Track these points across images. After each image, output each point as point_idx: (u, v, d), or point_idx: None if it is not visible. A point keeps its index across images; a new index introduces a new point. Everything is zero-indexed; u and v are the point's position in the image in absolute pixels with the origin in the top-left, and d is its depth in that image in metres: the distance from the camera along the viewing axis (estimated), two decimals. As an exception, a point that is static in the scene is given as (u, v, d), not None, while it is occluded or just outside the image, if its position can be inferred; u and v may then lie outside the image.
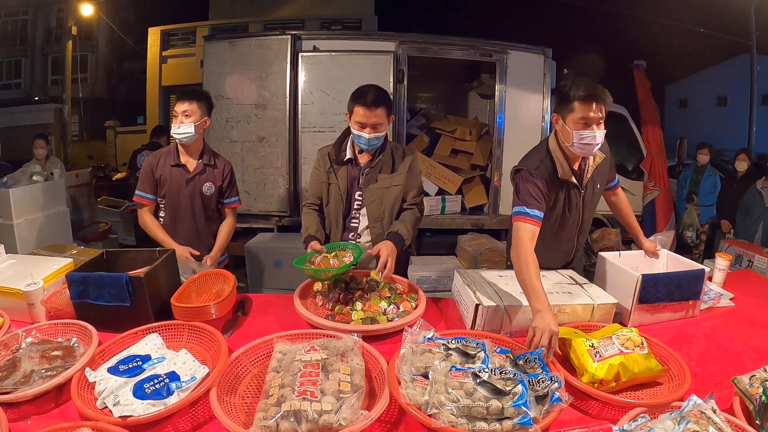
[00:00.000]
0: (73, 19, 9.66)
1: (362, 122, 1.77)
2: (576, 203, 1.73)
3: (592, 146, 1.54)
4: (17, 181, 3.62)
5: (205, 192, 2.15)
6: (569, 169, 1.65)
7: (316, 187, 1.97)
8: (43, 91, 14.40)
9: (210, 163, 2.17)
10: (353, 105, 1.80)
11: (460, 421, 0.96)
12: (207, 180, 2.15)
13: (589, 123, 1.51)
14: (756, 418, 1.01)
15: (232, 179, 2.26)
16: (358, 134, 1.79)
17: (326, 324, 1.41)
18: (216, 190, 2.19)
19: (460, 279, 1.64)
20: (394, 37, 4.07)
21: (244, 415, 1.04)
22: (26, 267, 1.62)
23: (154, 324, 1.36)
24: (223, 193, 2.24)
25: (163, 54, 8.76)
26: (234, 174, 2.28)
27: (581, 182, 1.70)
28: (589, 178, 1.71)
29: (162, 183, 2.11)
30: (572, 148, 1.57)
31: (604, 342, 1.23)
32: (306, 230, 1.87)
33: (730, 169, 5.13)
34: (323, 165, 1.94)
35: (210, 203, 2.19)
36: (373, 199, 1.88)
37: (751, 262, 3.18)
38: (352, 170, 1.91)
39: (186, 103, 2.02)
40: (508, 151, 4.37)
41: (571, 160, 1.65)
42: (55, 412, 1.09)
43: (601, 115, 1.52)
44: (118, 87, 16.26)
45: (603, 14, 11.83)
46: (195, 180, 2.12)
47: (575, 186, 1.69)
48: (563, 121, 1.57)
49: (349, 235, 1.94)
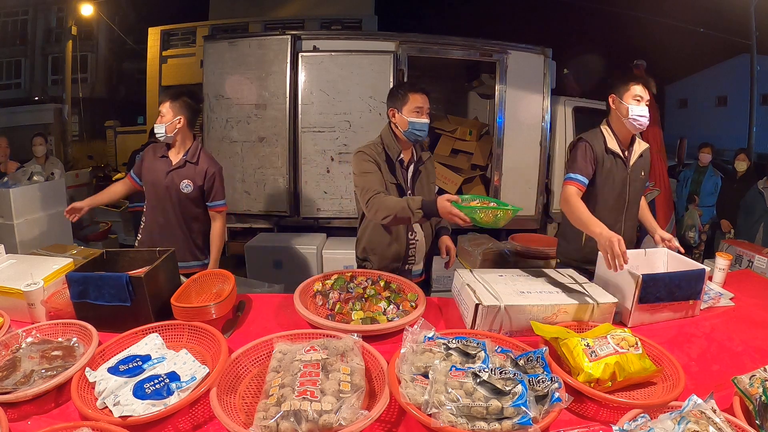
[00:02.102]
0: (73, 19, 9.66)
1: (421, 107, 1.83)
2: (623, 178, 1.96)
3: (643, 118, 1.86)
4: (17, 181, 3.62)
5: (183, 189, 2.16)
6: (617, 144, 1.95)
7: (380, 181, 1.82)
8: (43, 91, 14.40)
9: (192, 161, 2.18)
10: (408, 93, 1.84)
11: (459, 420, 0.96)
12: (186, 177, 2.16)
13: (641, 100, 1.87)
14: (756, 418, 1.01)
15: (216, 182, 2.23)
16: (416, 121, 1.82)
17: (326, 324, 1.41)
18: (196, 189, 2.18)
19: (460, 279, 1.64)
20: (394, 37, 4.07)
21: (244, 415, 1.04)
22: (26, 267, 1.62)
23: (154, 324, 1.36)
24: (207, 195, 2.22)
25: (163, 54, 8.76)
26: (221, 177, 2.25)
27: (628, 160, 1.97)
28: (636, 161, 1.98)
29: (145, 170, 2.21)
30: (626, 121, 1.89)
31: (599, 341, 1.23)
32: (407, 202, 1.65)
33: (730, 169, 5.13)
34: (383, 164, 1.87)
35: (188, 201, 2.19)
36: (422, 194, 1.91)
37: (752, 262, 3.18)
38: (402, 169, 1.93)
39: (161, 104, 2.16)
40: (508, 151, 4.38)
41: (621, 141, 1.95)
42: (55, 412, 1.08)
43: (647, 96, 1.89)
44: (118, 87, 16.27)
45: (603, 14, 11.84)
46: (173, 174, 2.16)
47: (622, 160, 1.95)
48: (620, 99, 1.91)
49: (407, 233, 1.94)
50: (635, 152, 1.99)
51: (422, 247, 2.00)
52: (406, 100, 1.84)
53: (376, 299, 1.59)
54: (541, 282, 1.63)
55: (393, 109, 1.89)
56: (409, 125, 1.83)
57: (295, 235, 4.00)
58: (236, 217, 4.18)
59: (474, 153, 4.73)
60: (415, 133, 1.85)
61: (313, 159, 4.00)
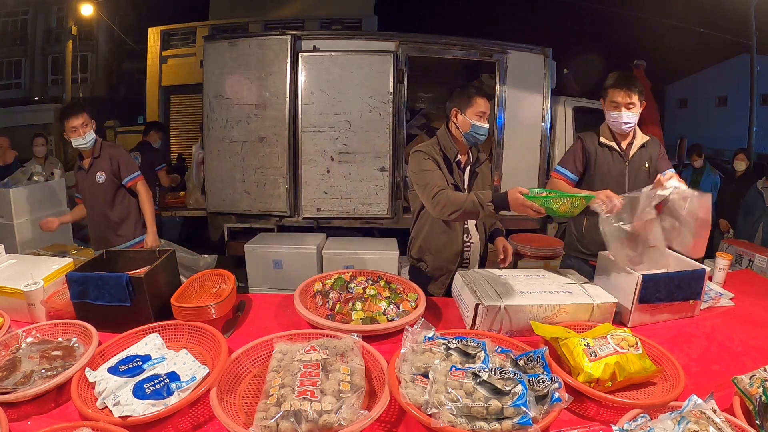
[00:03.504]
0: (73, 19, 9.67)
1: (485, 111, 1.84)
2: (620, 170, 2.00)
3: (620, 123, 1.93)
4: (17, 181, 3.62)
5: (98, 180, 2.49)
6: (612, 138, 2.01)
7: (441, 178, 1.81)
8: (43, 91, 14.41)
9: (96, 155, 2.50)
10: (475, 97, 1.84)
11: (459, 420, 0.96)
12: (97, 170, 2.49)
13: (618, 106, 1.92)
14: (756, 418, 1.01)
15: (121, 161, 2.54)
16: (480, 125, 1.84)
17: (326, 324, 1.41)
18: (108, 176, 2.50)
19: (460, 279, 1.64)
20: (394, 37, 4.06)
21: (244, 415, 1.04)
22: (26, 267, 1.62)
23: (154, 324, 1.36)
24: (119, 175, 2.53)
25: (163, 54, 8.74)
26: (123, 155, 2.56)
27: (626, 153, 2.00)
28: (635, 153, 2.00)
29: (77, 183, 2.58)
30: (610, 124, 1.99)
31: (599, 341, 1.23)
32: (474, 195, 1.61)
33: (729, 168, 5.13)
34: (443, 165, 1.87)
35: (107, 189, 2.52)
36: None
37: (752, 261, 3.18)
38: (459, 170, 1.93)
39: (79, 116, 2.39)
40: (508, 151, 4.38)
41: (617, 137, 2.01)
42: (55, 412, 1.08)
43: (630, 100, 1.90)
44: (118, 87, 16.25)
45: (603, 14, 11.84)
46: (89, 174, 2.50)
47: (618, 153, 2.00)
48: (604, 104, 1.99)
49: (462, 235, 1.95)
50: (635, 145, 2.02)
51: (477, 249, 2.01)
52: (471, 103, 1.83)
53: (376, 299, 1.59)
54: (541, 282, 1.63)
55: (456, 110, 1.86)
56: (471, 128, 1.84)
57: (295, 235, 4.00)
58: (236, 217, 4.18)
59: (474, 153, 4.73)
60: (475, 136, 1.85)
61: (313, 159, 4.00)
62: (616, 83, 1.93)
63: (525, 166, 4.45)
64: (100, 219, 2.58)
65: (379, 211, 4.04)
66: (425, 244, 1.99)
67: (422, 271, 2.02)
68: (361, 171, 3.98)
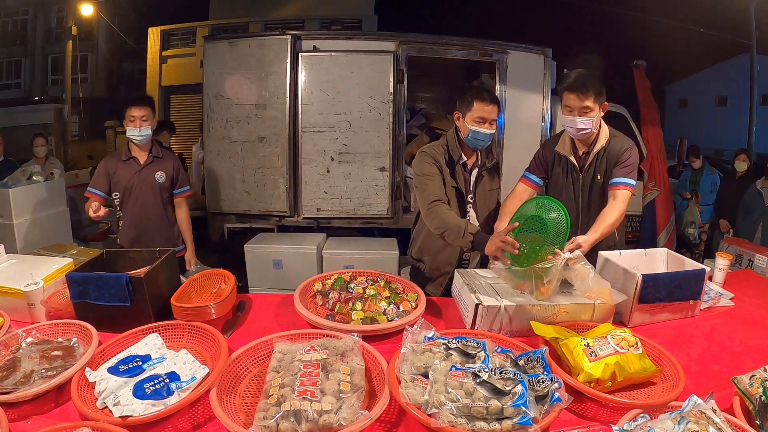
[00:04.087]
0: (73, 19, 9.65)
1: (483, 117, 1.79)
2: (574, 182, 1.90)
3: (574, 130, 1.78)
4: (17, 181, 3.62)
5: (158, 179, 2.47)
6: (570, 148, 1.89)
7: (440, 187, 1.85)
8: (43, 91, 14.40)
9: (159, 156, 2.50)
10: (472, 101, 1.80)
11: (459, 420, 0.96)
12: (158, 169, 2.47)
13: (572, 110, 1.76)
14: (756, 418, 1.01)
15: (181, 170, 2.58)
16: (478, 130, 1.80)
17: (326, 324, 1.41)
18: (168, 179, 2.51)
19: (460, 279, 1.64)
20: (394, 37, 4.06)
21: (244, 415, 1.04)
22: (26, 267, 1.62)
23: (154, 324, 1.36)
24: (174, 183, 2.55)
25: (163, 54, 8.73)
26: (183, 164, 2.60)
27: (582, 165, 1.89)
28: (590, 164, 1.87)
29: (116, 177, 2.43)
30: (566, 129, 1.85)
31: (599, 341, 1.23)
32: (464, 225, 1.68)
33: (729, 168, 5.13)
34: (444, 168, 1.87)
35: (163, 191, 2.51)
36: (483, 200, 1.94)
37: (752, 261, 3.17)
38: (464, 172, 1.91)
39: (142, 108, 2.37)
40: (508, 151, 4.37)
41: (576, 143, 1.89)
42: (55, 412, 1.09)
43: (583, 104, 1.73)
44: (118, 87, 16.23)
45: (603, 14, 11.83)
46: (144, 171, 2.45)
47: (573, 165, 1.89)
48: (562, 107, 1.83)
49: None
50: (592, 153, 1.84)
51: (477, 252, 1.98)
52: (470, 107, 1.80)
53: (376, 299, 1.59)
54: (541, 282, 1.63)
55: (458, 113, 1.86)
56: (470, 133, 1.82)
57: (295, 235, 4.00)
58: (236, 217, 4.18)
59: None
60: (474, 141, 1.84)
61: (313, 159, 4.00)
62: (570, 86, 1.75)
63: (525, 166, 4.42)
64: (153, 216, 2.50)
65: (379, 211, 4.04)
66: (424, 245, 1.99)
67: (421, 271, 2.02)
68: (361, 171, 3.98)
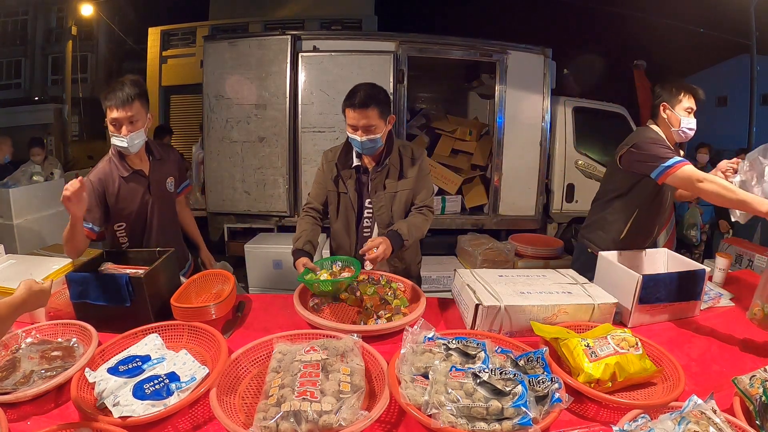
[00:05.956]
0: (73, 19, 9.67)
1: (353, 125, 1.69)
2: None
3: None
4: (17, 181, 3.63)
5: (169, 188, 1.89)
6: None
7: (321, 193, 1.88)
8: (43, 91, 14.41)
9: (158, 157, 1.85)
10: (344, 106, 1.72)
11: (459, 421, 0.96)
12: (166, 175, 1.88)
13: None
14: (756, 418, 1.01)
15: (183, 163, 2.09)
16: (352, 137, 1.71)
17: (326, 324, 1.41)
18: (176, 183, 1.95)
19: (460, 279, 1.64)
20: (394, 37, 4.07)
21: (244, 416, 1.04)
22: (26, 267, 1.63)
23: (154, 324, 1.36)
24: (179, 182, 2.00)
25: (163, 54, 8.75)
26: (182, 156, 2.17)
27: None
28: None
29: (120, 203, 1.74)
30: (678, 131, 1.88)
31: (599, 342, 1.23)
32: (296, 241, 1.75)
33: (729, 169, 5.12)
34: (330, 172, 1.85)
35: (172, 200, 1.97)
36: (382, 205, 1.82)
37: (752, 261, 3.17)
38: (361, 176, 1.84)
39: (128, 107, 1.62)
40: (508, 151, 4.38)
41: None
42: (55, 412, 1.08)
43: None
44: (118, 87, 16.22)
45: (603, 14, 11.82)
46: (154, 182, 1.82)
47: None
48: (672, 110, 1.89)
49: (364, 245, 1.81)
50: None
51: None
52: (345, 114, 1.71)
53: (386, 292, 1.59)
54: (541, 282, 1.63)
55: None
56: (348, 139, 1.79)
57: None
58: (236, 217, 4.19)
59: (474, 153, 4.73)
60: (355, 148, 1.77)
61: (313, 159, 4.00)
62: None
63: (525, 166, 4.45)
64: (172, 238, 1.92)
65: (379, 211, 4.05)
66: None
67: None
68: (361, 171, 3.99)
